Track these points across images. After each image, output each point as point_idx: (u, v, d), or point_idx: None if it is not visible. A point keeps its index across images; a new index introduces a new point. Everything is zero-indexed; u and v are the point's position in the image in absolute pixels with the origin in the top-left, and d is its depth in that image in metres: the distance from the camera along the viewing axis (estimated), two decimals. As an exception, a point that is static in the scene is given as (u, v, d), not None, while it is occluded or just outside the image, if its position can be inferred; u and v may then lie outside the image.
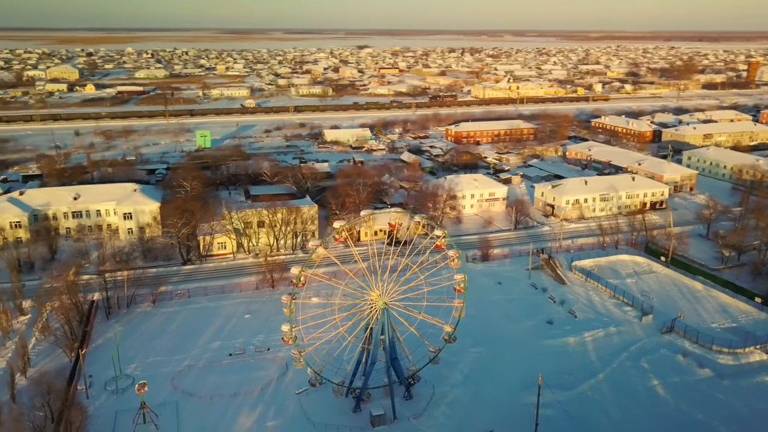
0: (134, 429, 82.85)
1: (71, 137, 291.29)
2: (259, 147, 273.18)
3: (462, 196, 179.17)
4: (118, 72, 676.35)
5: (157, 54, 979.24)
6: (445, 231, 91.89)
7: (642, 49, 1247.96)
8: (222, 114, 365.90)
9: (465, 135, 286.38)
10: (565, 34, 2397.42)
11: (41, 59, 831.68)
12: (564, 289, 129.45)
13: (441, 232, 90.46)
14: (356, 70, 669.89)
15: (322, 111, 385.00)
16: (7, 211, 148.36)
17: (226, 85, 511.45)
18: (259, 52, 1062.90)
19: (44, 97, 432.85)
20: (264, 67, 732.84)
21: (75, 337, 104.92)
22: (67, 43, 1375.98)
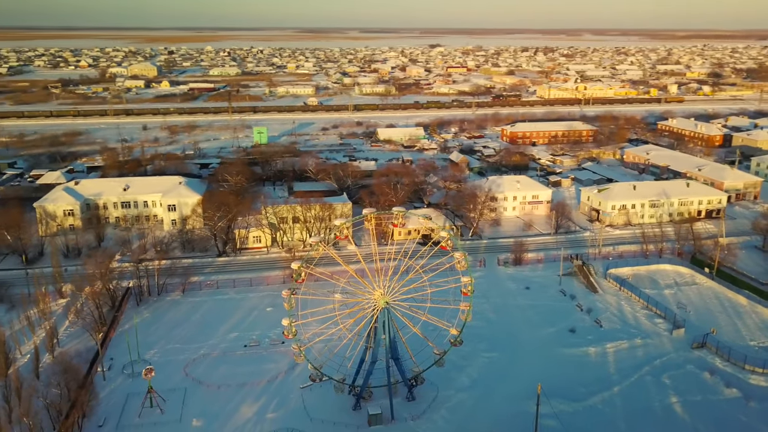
0: (141, 412, 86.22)
1: (139, 131, 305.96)
2: (314, 144, 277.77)
3: (503, 197, 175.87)
4: (195, 69, 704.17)
5: (233, 52, 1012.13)
6: (450, 232, 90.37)
7: (731, 48, 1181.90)
8: (284, 111, 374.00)
9: (520, 135, 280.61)
10: (648, 33, 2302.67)
11: (126, 57, 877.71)
12: (595, 298, 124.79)
13: (446, 233, 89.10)
14: (423, 69, 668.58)
15: (382, 110, 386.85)
16: (61, 200, 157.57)
17: (294, 83, 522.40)
18: (331, 50, 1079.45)
19: (122, 93, 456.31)
20: (333, 66, 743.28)
21: (104, 321, 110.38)
22: (154, 41, 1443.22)
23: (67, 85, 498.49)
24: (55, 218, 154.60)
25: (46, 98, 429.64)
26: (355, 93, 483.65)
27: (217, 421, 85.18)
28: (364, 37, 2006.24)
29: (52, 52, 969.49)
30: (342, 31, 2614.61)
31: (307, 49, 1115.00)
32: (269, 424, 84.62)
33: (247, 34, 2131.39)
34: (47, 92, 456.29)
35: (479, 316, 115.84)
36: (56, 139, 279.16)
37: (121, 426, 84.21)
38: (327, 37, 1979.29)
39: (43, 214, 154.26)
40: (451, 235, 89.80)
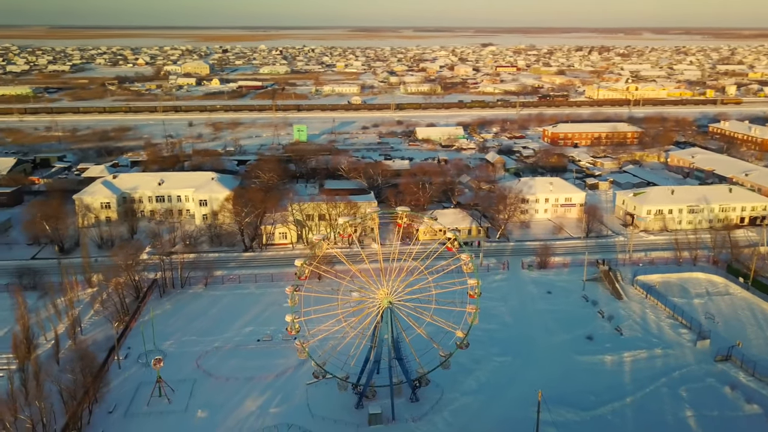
0: (149, 401, 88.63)
1: (185, 128, 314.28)
2: (352, 143, 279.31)
3: (535, 199, 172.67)
4: (246, 68, 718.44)
5: (285, 51, 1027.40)
6: (455, 234, 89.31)
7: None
8: (327, 110, 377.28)
9: (562, 137, 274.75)
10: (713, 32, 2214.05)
11: (183, 55, 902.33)
12: (618, 304, 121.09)
13: (452, 234, 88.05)
14: (471, 69, 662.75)
15: (424, 109, 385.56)
16: (99, 193, 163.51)
17: (341, 82, 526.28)
18: (382, 49, 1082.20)
19: (173, 90, 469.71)
20: (382, 65, 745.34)
21: (127, 311, 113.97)
22: (211, 40, 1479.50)
23: (123, 82, 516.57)
24: (92, 210, 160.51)
25: (103, 95, 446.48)
26: (400, 92, 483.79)
27: (221, 413, 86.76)
28: (418, 36, 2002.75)
29: (114, 50, 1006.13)
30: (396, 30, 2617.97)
31: (358, 48, 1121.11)
32: (271, 419, 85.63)
33: (301, 33, 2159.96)
34: (104, 89, 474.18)
35: (495, 319, 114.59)
36: (106, 134, 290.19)
37: (130, 414, 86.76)
38: (380, 35, 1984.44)
39: (82, 206, 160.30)
40: (456, 237, 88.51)
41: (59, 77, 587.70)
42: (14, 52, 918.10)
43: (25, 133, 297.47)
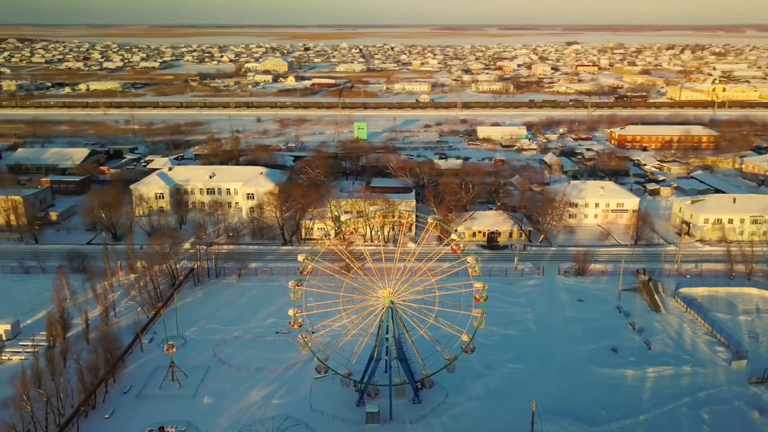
0: (161, 384, 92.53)
1: (253, 123, 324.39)
2: (411, 141, 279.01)
3: (584, 204, 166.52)
4: (324, 66, 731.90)
5: (365, 49, 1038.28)
6: (459, 235, 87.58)
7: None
8: (393, 108, 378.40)
9: (630, 139, 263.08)
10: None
11: (266, 53, 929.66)
12: (654, 317, 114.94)
13: (456, 236, 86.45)
14: (549, 68, 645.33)
15: (492, 108, 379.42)
16: (154, 184, 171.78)
17: (412, 80, 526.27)
18: (461, 48, 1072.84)
19: (249, 87, 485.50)
20: (459, 63, 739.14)
21: (160, 298, 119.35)
22: (296, 38, 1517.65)
23: (205, 78, 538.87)
24: (147, 200, 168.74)
25: (183, 90, 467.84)
26: (472, 90, 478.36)
27: (226, 401, 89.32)
28: (502, 34, 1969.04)
29: (203, 48, 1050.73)
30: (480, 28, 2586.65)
31: (438, 47, 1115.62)
32: (272, 410, 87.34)
33: (385, 31, 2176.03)
34: (186, 85, 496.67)
35: (518, 325, 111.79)
36: (178, 128, 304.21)
37: (142, 395, 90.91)
38: (464, 34, 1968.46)
39: (138, 195, 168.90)
40: (461, 238, 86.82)
41: (148, 73, 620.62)
42: (113, 50, 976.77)
43: (106, 125, 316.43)
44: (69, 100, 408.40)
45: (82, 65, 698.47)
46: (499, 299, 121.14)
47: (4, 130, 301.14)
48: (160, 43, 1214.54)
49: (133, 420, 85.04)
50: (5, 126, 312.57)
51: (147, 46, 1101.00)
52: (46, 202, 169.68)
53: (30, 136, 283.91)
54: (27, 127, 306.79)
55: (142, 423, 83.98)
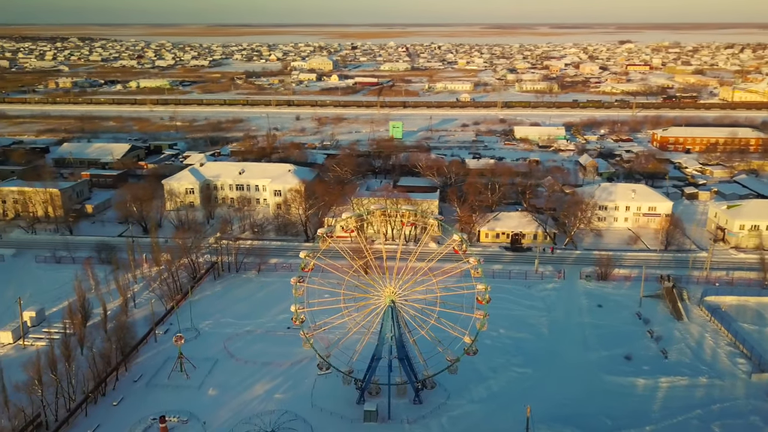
0: (170, 375, 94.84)
1: (291, 121, 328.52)
2: (446, 140, 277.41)
3: (614, 207, 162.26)
4: (369, 64, 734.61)
5: (412, 48, 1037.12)
6: (462, 236, 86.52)
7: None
8: (432, 107, 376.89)
9: (672, 141, 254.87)
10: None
11: (314, 52, 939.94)
12: (675, 325, 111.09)
13: (458, 236, 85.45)
14: (598, 67, 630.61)
15: (533, 107, 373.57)
16: (184, 179, 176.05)
17: (455, 79, 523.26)
18: (510, 47, 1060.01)
19: (292, 85, 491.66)
20: (505, 62, 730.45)
21: (180, 290, 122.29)
22: (345, 37, 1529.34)
23: (250, 76, 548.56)
24: (178, 195, 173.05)
25: (229, 88, 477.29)
26: (515, 90, 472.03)
27: (229, 394, 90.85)
28: (552, 33, 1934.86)
29: (253, 46, 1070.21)
30: (531, 27, 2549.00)
31: (485, 45, 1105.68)
32: (273, 404, 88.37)
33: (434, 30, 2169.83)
34: (232, 83, 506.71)
35: (530, 328, 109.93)
36: (218, 125, 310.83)
37: (151, 384, 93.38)
38: (513, 32, 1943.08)
39: (169, 190, 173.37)
40: (463, 239, 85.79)
41: (197, 71, 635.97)
42: (167, 49, 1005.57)
43: (151, 122, 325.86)
44: (118, 97, 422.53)
45: (136, 63, 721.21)
46: (515, 302, 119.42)
47: (55, 125, 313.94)
48: (213, 42, 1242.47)
49: (140, 408, 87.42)
50: (57, 121, 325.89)
51: (200, 44, 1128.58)
52: (83, 195, 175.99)
53: (78, 131, 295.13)
54: (77, 122, 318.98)
55: (148, 411, 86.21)
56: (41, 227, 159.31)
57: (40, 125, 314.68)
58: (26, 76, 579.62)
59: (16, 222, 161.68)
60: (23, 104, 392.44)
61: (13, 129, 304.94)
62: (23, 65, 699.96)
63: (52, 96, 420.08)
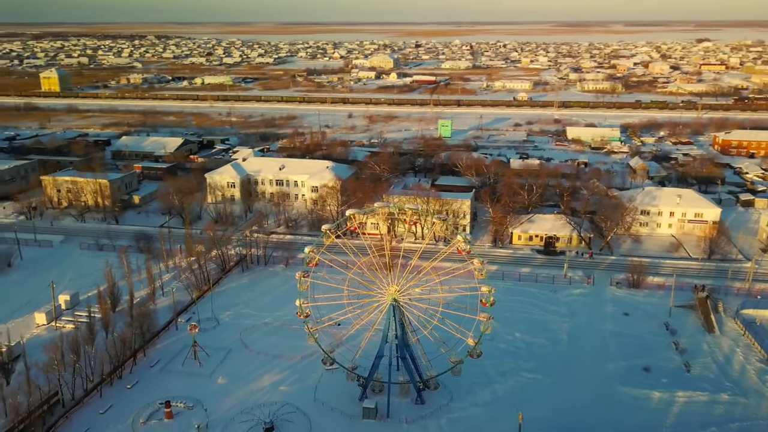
0: (184, 362, 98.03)
1: (344, 119, 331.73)
2: (495, 140, 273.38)
3: (657, 212, 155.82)
4: (430, 63, 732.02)
5: (477, 46, 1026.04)
6: (464, 236, 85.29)
7: None
8: (487, 106, 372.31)
9: (735, 144, 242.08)
10: None
11: (377, 50, 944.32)
12: (705, 338, 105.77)
13: (461, 237, 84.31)
14: (668, 66, 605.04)
15: (592, 108, 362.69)
16: (226, 173, 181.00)
17: (515, 78, 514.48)
18: (578, 45, 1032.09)
19: (351, 83, 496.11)
20: (570, 61, 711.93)
21: (208, 281, 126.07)
22: (411, 35, 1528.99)
23: (311, 74, 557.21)
24: (219, 188, 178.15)
25: (288, 85, 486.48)
26: (576, 89, 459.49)
27: (237, 383, 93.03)
28: (626, 31, 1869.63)
29: (318, 44, 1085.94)
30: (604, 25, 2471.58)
31: (553, 44, 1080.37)
32: (278, 396, 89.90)
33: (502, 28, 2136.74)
34: (292, 80, 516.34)
35: (548, 334, 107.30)
36: (272, 122, 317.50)
37: (166, 370, 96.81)
38: (585, 31, 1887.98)
39: (211, 183, 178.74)
40: (466, 240, 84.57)
41: (262, 69, 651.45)
42: (236, 46, 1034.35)
43: (209, 117, 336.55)
44: (182, 92, 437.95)
45: (204, 60, 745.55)
46: (537, 306, 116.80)
47: (120, 119, 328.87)
48: (282, 39, 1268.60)
49: (152, 392, 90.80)
50: (123, 115, 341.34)
51: (268, 42, 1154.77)
52: (132, 186, 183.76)
53: (140, 125, 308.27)
54: (140, 116, 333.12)
55: (159, 396, 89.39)
56: (90, 216, 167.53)
57: (106, 119, 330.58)
58: (102, 72, 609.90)
59: (69, 210, 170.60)
60: (94, 99, 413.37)
61: (81, 122, 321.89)
62: (101, 62, 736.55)
63: (122, 91, 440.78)
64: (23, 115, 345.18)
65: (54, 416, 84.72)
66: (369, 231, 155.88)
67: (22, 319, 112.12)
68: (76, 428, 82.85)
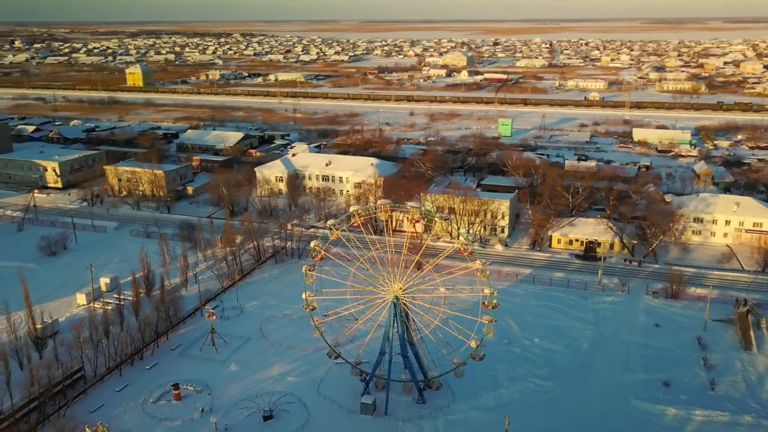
0: (202, 347, 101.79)
1: (406, 116, 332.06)
2: (556, 140, 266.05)
3: (711, 220, 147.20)
4: (506, 61, 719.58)
5: (558, 44, 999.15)
6: (466, 236, 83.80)
7: None
8: (555, 105, 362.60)
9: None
10: None
11: (454, 48, 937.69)
12: (740, 355, 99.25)
13: (463, 238, 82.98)
14: (761, 66, 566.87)
15: (667, 109, 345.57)
16: (275, 168, 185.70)
17: (589, 77, 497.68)
18: (666, 43, 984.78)
19: (419, 81, 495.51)
20: (655, 60, 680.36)
21: (241, 271, 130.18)
22: (491, 33, 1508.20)
23: (382, 72, 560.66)
24: (268, 182, 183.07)
25: (358, 83, 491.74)
26: (655, 89, 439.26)
27: (248, 371, 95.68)
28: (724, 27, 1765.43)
29: (396, 42, 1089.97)
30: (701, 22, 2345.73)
31: (639, 42, 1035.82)
32: (283, 386, 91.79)
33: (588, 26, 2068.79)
34: (363, 77, 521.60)
35: (568, 341, 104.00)
36: (335, 119, 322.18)
37: (184, 354, 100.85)
38: (679, 28, 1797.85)
39: (260, 177, 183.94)
40: (468, 241, 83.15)
41: (336, 66, 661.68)
42: (315, 44, 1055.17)
43: (276, 113, 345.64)
44: (254, 89, 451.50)
45: (282, 58, 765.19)
46: (563, 312, 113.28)
47: (191, 113, 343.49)
48: (361, 37, 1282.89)
49: (167, 374, 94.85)
50: (194, 110, 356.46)
51: (347, 40, 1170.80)
52: (186, 177, 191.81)
53: (209, 119, 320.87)
54: (211, 111, 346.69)
55: (173, 378, 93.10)
56: (145, 204, 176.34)
57: (179, 113, 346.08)
58: (185, 68, 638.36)
59: (126, 199, 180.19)
60: (172, 94, 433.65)
61: (156, 116, 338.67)
62: (186, 59, 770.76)
63: (198, 87, 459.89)
64: (106, 108, 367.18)
65: (75, 391, 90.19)
66: (406, 228, 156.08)
67: (66, 299, 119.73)
68: (91, 403, 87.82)
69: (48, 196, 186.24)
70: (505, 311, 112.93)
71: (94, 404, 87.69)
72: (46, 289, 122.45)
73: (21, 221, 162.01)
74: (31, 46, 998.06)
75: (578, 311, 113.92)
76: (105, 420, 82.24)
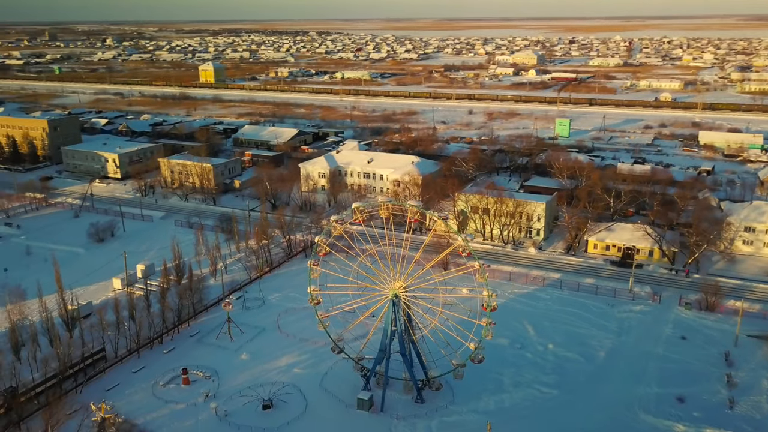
0: (218, 335, 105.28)
1: (464, 115, 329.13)
2: (616, 142, 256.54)
3: (765, 230, 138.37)
4: (579, 59, 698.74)
5: (638, 42, 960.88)
6: (464, 237, 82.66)
7: None
8: (621, 106, 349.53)
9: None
10: None
11: (527, 46, 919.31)
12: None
13: (461, 238, 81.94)
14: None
15: (744, 111, 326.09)
16: (318, 164, 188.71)
17: (665, 77, 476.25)
18: (758, 41, 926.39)
19: (485, 79, 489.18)
20: (740, 60, 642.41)
21: (270, 263, 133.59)
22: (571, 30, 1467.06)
23: (448, 70, 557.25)
24: (311, 178, 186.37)
25: (422, 81, 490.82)
26: (735, 90, 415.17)
27: (257, 360, 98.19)
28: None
29: (469, 40, 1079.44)
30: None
31: (729, 39, 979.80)
32: (288, 377, 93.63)
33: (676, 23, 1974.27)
34: (429, 75, 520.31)
35: (584, 349, 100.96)
36: (391, 117, 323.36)
37: (201, 341, 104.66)
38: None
39: (304, 173, 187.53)
40: (467, 242, 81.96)
41: (404, 64, 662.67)
42: (387, 42, 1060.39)
43: (335, 110, 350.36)
44: (318, 86, 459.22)
45: (352, 56, 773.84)
46: (584, 319, 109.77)
47: (255, 109, 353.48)
48: (436, 35, 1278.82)
49: (182, 359, 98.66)
50: (258, 106, 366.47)
51: (420, 38, 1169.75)
52: (235, 171, 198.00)
53: (271, 115, 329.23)
54: (273, 108, 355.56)
55: (186, 363, 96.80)
56: (193, 196, 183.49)
57: (244, 109, 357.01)
58: (257, 66, 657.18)
59: (177, 190, 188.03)
60: (240, 90, 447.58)
61: (221, 111, 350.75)
62: (260, 56, 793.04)
63: (265, 84, 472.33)
64: (177, 103, 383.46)
65: (95, 369, 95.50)
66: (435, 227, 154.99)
67: (104, 283, 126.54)
68: (107, 382, 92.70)
69: (107, 186, 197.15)
70: (524, 315, 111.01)
71: (111, 383, 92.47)
72: (88, 272, 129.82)
73: (78, 209, 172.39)
74: (120, 44, 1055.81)
75: (602, 319, 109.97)
76: (117, 399, 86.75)
